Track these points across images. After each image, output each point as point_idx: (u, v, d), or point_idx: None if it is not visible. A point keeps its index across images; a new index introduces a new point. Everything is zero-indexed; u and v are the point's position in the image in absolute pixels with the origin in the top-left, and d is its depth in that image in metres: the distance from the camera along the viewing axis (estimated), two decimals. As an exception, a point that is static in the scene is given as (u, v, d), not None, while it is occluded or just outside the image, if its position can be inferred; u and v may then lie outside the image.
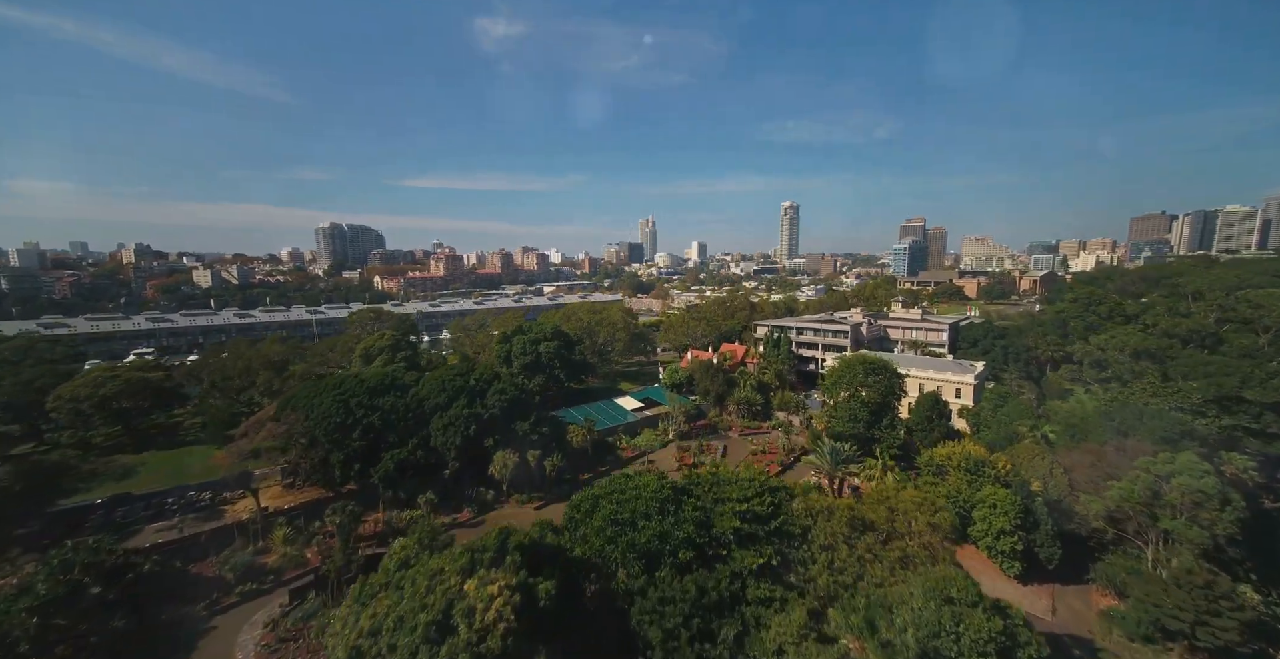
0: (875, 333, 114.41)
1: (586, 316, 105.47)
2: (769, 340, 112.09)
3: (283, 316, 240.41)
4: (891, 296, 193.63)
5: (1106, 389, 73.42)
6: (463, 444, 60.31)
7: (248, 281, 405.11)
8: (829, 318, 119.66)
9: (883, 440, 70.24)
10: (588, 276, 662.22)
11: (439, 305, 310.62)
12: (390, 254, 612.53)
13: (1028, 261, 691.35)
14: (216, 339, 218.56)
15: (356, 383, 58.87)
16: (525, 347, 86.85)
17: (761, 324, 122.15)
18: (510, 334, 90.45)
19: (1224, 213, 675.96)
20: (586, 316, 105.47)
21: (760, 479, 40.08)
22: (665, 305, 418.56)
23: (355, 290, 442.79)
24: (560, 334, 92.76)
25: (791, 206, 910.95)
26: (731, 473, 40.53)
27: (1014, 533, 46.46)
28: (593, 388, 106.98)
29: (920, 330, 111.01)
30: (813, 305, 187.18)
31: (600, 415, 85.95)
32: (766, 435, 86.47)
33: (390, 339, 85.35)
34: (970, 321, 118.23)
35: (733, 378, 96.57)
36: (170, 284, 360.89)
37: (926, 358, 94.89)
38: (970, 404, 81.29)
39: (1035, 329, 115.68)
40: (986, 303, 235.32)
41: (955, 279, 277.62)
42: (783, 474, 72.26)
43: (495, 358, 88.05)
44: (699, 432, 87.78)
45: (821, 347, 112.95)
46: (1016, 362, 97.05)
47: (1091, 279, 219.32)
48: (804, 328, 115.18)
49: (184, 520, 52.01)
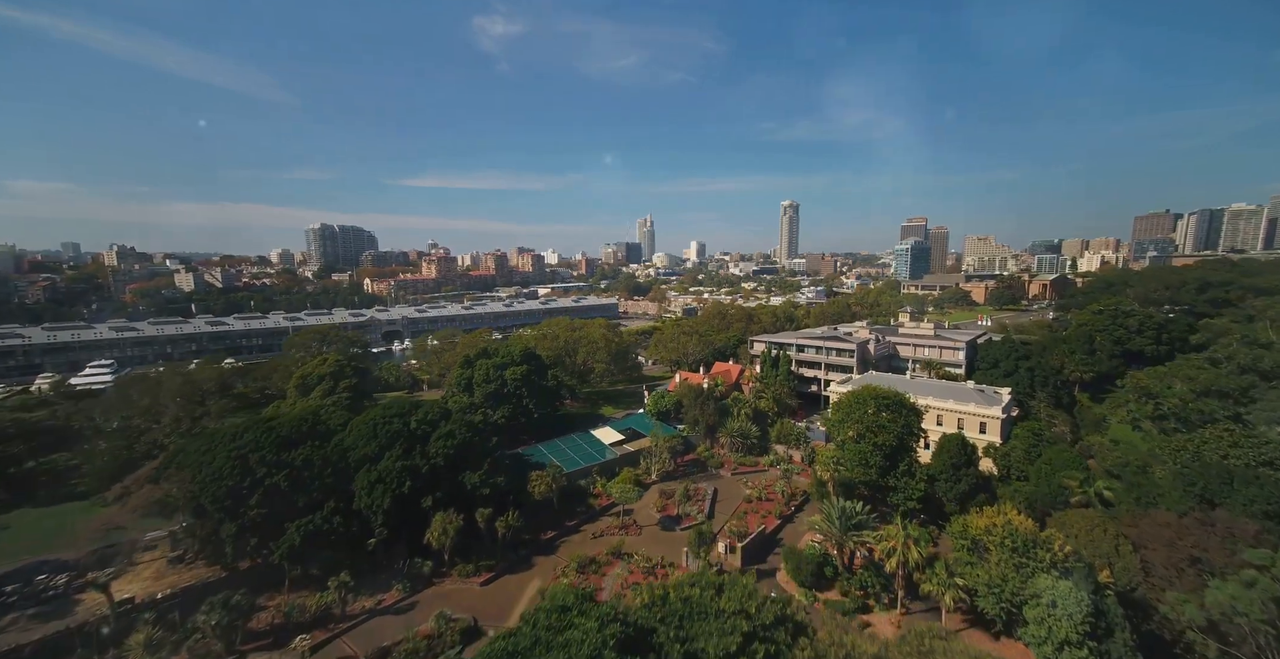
0: (883, 351, 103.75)
1: (564, 335, 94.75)
2: (766, 359, 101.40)
3: (259, 324, 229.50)
4: (897, 304, 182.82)
5: (1161, 429, 62.81)
6: (394, 506, 49.55)
7: (232, 284, 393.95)
8: (833, 334, 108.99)
9: (899, 490, 59.63)
10: (584, 278, 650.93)
11: (425, 310, 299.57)
12: (382, 255, 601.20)
13: (1031, 261, 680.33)
14: (186, 349, 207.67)
15: (262, 432, 48.07)
16: (489, 373, 76.09)
17: (759, 340, 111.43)
18: (474, 358, 79.71)
19: (1229, 211, 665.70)
20: (564, 335, 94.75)
21: (753, 605, 29.12)
22: (661, 309, 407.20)
23: (344, 293, 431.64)
24: (531, 357, 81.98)
25: (791, 206, 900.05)
26: (710, 603, 28.68)
27: (1083, 644, 35.81)
28: (571, 413, 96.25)
29: (934, 348, 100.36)
30: (814, 313, 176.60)
31: (574, 452, 75.23)
32: (764, 474, 75.83)
33: (332, 366, 74.42)
34: (989, 338, 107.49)
35: (725, 405, 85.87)
36: (150, 288, 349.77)
37: (945, 384, 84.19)
38: (998, 441, 70.62)
39: (1059, 346, 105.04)
40: (995, 309, 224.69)
41: (961, 283, 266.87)
42: (781, 530, 61.63)
43: (455, 385, 77.31)
44: (686, 469, 77.15)
45: (825, 366, 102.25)
46: (1044, 386, 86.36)
47: (1107, 284, 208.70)
48: (805, 345, 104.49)
49: (19, 619, 41.18)
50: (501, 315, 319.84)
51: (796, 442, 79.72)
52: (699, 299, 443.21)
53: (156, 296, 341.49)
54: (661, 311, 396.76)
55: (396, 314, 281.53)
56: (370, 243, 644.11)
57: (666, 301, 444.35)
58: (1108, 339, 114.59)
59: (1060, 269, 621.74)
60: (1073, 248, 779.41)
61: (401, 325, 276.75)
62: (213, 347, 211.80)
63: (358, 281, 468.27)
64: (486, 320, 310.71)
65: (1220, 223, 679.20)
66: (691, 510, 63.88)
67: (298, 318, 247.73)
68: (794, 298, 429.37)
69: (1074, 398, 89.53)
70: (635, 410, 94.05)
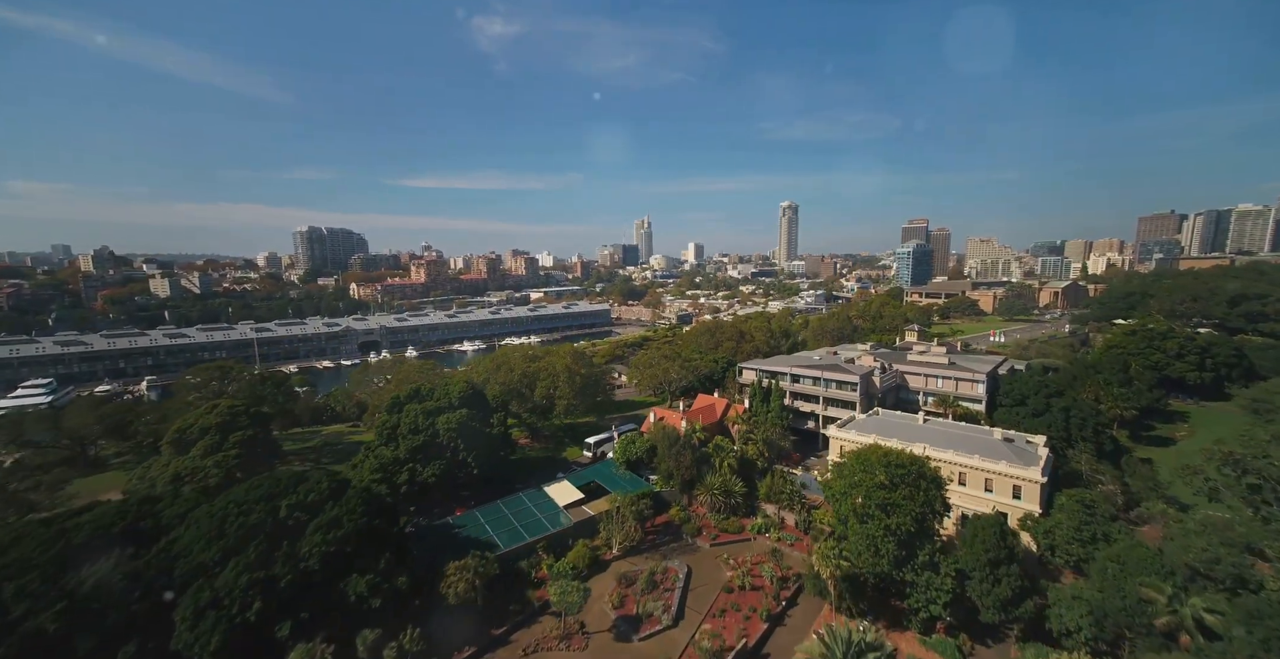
0: (890, 382, 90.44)
1: (520, 366, 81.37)
2: (756, 390, 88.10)
3: (222, 336, 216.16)
4: (900, 316, 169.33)
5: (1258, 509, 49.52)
6: (228, 637, 36.19)
7: (210, 290, 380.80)
8: (832, 361, 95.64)
9: (919, 589, 46.43)
10: (579, 281, 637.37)
11: (405, 319, 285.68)
12: (371, 259, 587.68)
13: (1034, 263, 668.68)
14: (140, 364, 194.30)
15: (36, 547, 34.81)
16: (417, 421, 62.82)
17: (749, 367, 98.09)
18: (403, 399, 66.46)
19: (1236, 212, 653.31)
20: (520, 366, 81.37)
21: None
22: (655, 315, 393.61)
23: (329, 299, 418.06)
24: (473, 399, 68.62)
25: (790, 207, 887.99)
26: None
27: None
28: (528, 457, 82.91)
29: (949, 380, 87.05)
30: (813, 325, 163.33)
31: (519, 517, 61.90)
32: (749, 545, 62.62)
33: (223, 414, 60.90)
34: (1010, 366, 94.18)
35: (705, 453, 72.56)
36: (122, 295, 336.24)
37: (967, 432, 70.80)
38: (1036, 511, 57.32)
39: (1090, 375, 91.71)
40: (1005, 319, 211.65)
41: (968, 291, 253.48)
42: (767, 640, 48.29)
43: (378, 436, 64.02)
44: (657, 538, 63.91)
45: (823, 400, 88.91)
46: (1081, 428, 73.06)
47: (1124, 294, 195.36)
48: (801, 374, 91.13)
49: None
50: (487, 323, 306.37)
51: (789, 501, 66.43)
52: (695, 304, 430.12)
53: (128, 304, 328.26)
54: (655, 318, 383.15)
55: (374, 323, 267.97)
56: (360, 245, 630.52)
57: (661, 307, 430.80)
58: (1143, 364, 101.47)
59: (1065, 271, 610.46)
60: (1076, 249, 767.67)
61: (379, 335, 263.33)
62: (171, 361, 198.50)
63: (344, 286, 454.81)
64: (471, 329, 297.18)
65: (1228, 224, 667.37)
66: (656, 608, 50.52)
67: (266, 329, 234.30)
68: (793, 302, 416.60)
69: (1117, 443, 76.16)
70: (604, 458, 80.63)
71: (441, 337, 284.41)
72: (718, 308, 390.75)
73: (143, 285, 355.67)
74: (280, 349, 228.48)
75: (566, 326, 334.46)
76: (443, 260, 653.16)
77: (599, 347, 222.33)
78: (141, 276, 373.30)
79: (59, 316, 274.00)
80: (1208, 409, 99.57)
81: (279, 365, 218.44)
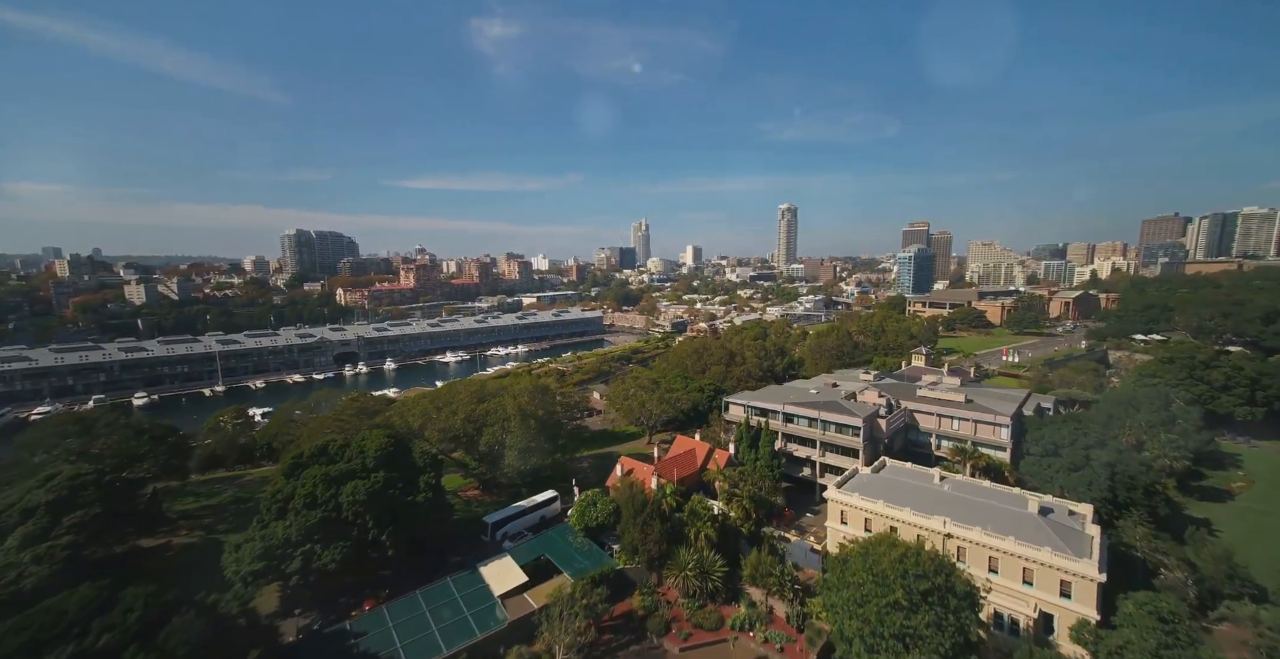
0: (898, 422, 78.15)
1: (466, 407, 68.88)
2: (743, 434, 75.83)
3: (185, 349, 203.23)
4: (906, 334, 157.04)
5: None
6: None
7: (189, 297, 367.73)
8: (831, 394, 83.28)
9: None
10: (574, 285, 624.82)
11: (385, 328, 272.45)
12: (361, 262, 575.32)
13: (1037, 267, 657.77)
14: (93, 380, 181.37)
15: None
16: (316, 493, 50.47)
17: (736, 402, 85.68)
18: (305, 459, 54.15)
19: (1242, 215, 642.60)
20: (466, 407, 68.88)
21: None
22: (649, 322, 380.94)
23: (313, 305, 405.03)
24: (398, 455, 56.29)
25: (789, 209, 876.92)
26: None
27: None
28: (475, 515, 70.46)
29: (967, 422, 74.73)
30: (810, 345, 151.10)
31: (440, 615, 49.58)
32: (728, 649, 50.34)
33: (60, 488, 47.64)
34: (1036, 406, 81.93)
35: (679, 520, 60.28)
36: (94, 302, 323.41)
37: (995, 499, 58.40)
38: (1092, 617, 45.01)
39: (1128, 415, 79.45)
40: (1014, 333, 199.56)
41: (974, 301, 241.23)
42: None
43: (268, 510, 51.62)
44: (614, 636, 51.60)
45: (821, 444, 76.59)
46: (1131, 488, 60.83)
47: (1143, 307, 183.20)
48: (796, 414, 78.78)
49: None
50: (473, 333, 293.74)
51: (779, 585, 54.09)
52: (691, 311, 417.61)
53: (100, 311, 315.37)
54: (649, 326, 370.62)
55: (352, 333, 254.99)
56: (350, 249, 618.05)
57: (656, 313, 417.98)
58: (1185, 398, 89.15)
59: (1069, 275, 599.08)
60: (1078, 252, 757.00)
61: (357, 346, 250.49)
62: (126, 378, 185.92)
63: (330, 292, 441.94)
64: (456, 339, 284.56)
65: (1233, 227, 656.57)
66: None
67: (233, 341, 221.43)
68: (791, 308, 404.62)
69: (1172, 504, 63.86)
70: (518, 524, 67.40)
71: (424, 347, 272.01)
72: (714, 315, 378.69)
73: (117, 292, 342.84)
74: (248, 362, 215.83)
75: (556, 335, 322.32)
76: (435, 264, 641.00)
77: (585, 360, 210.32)
78: (117, 282, 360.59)
79: (17, 326, 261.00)
80: (1262, 450, 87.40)
81: (245, 380, 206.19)
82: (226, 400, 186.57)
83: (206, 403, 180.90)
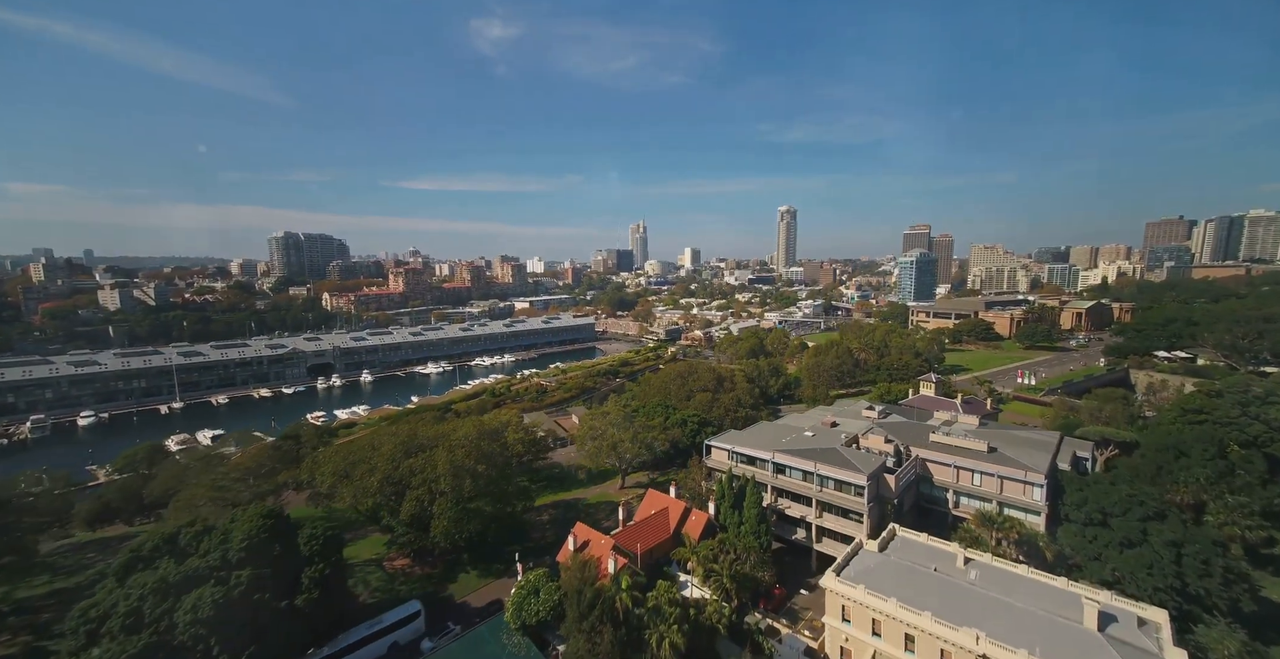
0: (909, 476, 66.03)
1: (385, 466, 56.43)
2: (725, 489, 63.54)
3: (141, 362, 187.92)
4: (911, 352, 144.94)
5: None
6: None
7: (167, 302, 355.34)
8: (829, 437, 71.06)
9: None
10: (569, 288, 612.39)
11: (363, 338, 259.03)
12: (351, 266, 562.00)
13: (1040, 271, 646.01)
14: (35, 398, 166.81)
15: None
16: (143, 606, 38.16)
17: (719, 445, 73.35)
18: (148, 551, 42.05)
19: (1249, 218, 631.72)
20: (385, 466, 56.43)
21: None
22: (642, 329, 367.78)
23: (297, 310, 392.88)
24: (273, 543, 44.17)
25: (789, 211, 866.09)
26: None
27: None
28: (396, 596, 58.09)
29: (991, 477, 62.62)
30: (808, 366, 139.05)
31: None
32: None
33: None
34: (1073, 456, 69.80)
35: (639, 619, 48.09)
36: (66, 308, 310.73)
37: (1041, 601, 46.27)
38: None
39: (1179, 467, 67.24)
40: (1024, 346, 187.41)
41: (981, 311, 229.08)
42: None
43: (71, 634, 39.19)
44: None
45: (817, 504, 64.41)
46: (1206, 574, 48.74)
47: (1164, 320, 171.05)
48: (790, 466, 66.62)
49: None
50: (457, 341, 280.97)
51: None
52: (686, 316, 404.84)
53: (70, 318, 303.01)
54: (642, 333, 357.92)
55: (327, 343, 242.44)
56: (340, 252, 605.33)
57: (652, 319, 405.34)
58: (1242, 440, 77.15)
59: (1074, 280, 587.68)
60: (1081, 255, 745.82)
61: (332, 357, 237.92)
62: (76, 394, 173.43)
63: (315, 296, 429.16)
64: (438, 348, 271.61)
65: (1240, 230, 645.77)
66: None
67: (196, 353, 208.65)
68: (790, 314, 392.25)
69: (1255, 594, 51.58)
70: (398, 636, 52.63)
71: (404, 357, 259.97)
72: (710, 321, 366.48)
73: (90, 297, 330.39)
74: (212, 376, 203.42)
75: (545, 344, 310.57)
76: (428, 267, 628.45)
77: (570, 373, 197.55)
78: (92, 287, 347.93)
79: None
80: (1330, 504, 75.18)
81: (208, 395, 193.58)
82: (184, 418, 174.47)
83: (160, 421, 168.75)
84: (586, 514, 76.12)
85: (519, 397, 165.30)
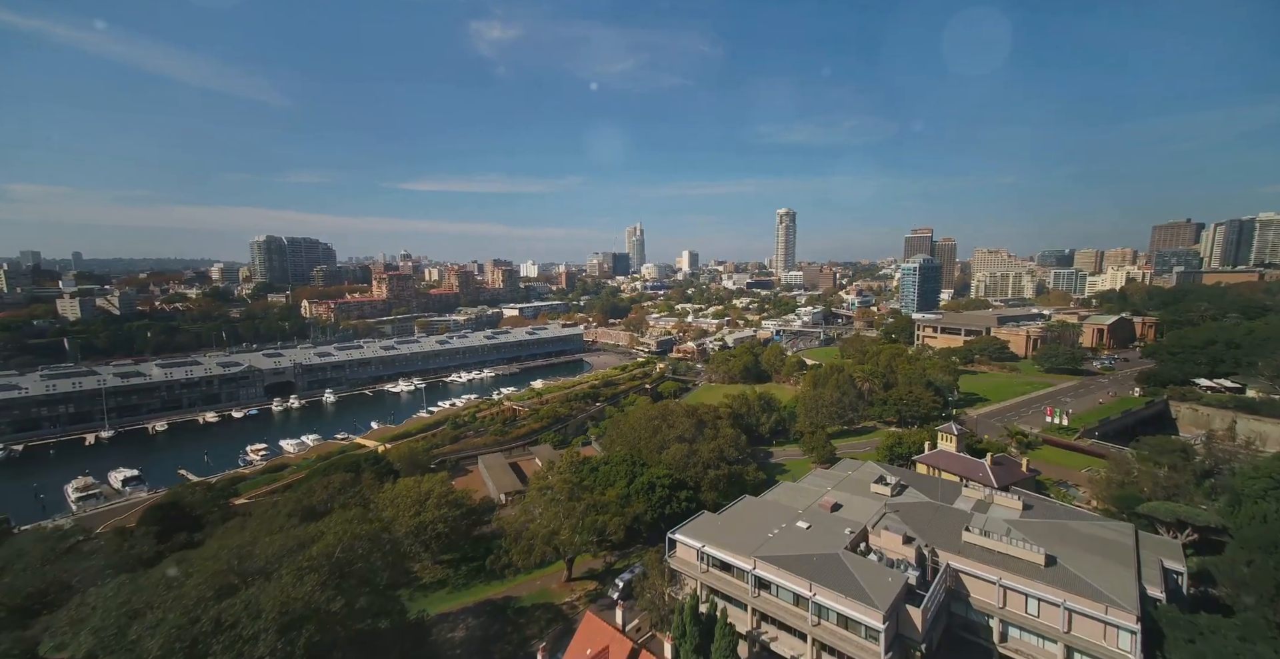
0: (940, 596, 48.65)
1: (178, 620, 38.77)
2: (687, 617, 45.81)
3: (70, 384, 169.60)
4: (921, 382, 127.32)
5: None
6: None
7: (133, 311, 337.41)
8: (830, 543, 53.48)
9: None
10: (562, 293, 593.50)
11: (330, 352, 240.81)
12: (336, 271, 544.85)
13: (1045, 275, 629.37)
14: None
15: None
16: None
17: (687, 542, 55.72)
18: None
19: (1259, 221, 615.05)
20: (178, 620, 38.77)
21: None
22: (634, 340, 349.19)
23: (274, 319, 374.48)
24: None
25: (788, 214, 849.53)
26: None
27: None
28: None
29: (1054, 608, 45.21)
30: (805, 401, 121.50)
31: None
32: None
33: None
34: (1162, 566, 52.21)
35: None
36: (19, 318, 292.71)
37: None
38: None
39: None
40: (1043, 368, 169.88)
41: (994, 328, 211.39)
42: None
43: None
44: None
45: (814, 644, 46.87)
46: None
47: (1203, 343, 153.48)
48: (776, 582, 49.07)
49: None
50: (434, 355, 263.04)
51: None
52: (681, 325, 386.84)
53: (23, 329, 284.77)
54: (633, 344, 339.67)
55: (288, 360, 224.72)
56: (326, 256, 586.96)
57: (644, 328, 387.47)
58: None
59: (1080, 285, 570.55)
60: (1086, 259, 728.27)
61: (293, 375, 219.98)
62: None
63: (294, 304, 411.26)
64: (412, 363, 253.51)
65: (1250, 234, 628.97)
66: None
67: (136, 373, 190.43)
68: (788, 323, 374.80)
69: None
70: None
71: (373, 374, 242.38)
72: (705, 331, 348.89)
73: (49, 306, 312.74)
74: (155, 399, 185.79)
75: (530, 356, 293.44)
76: (417, 271, 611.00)
77: (549, 396, 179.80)
78: (52, 295, 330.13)
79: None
80: None
81: (145, 421, 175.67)
82: (111, 448, 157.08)
83: (82, 454, 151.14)
84: (514, 625, 58.73)
85: (483, 427, 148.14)
